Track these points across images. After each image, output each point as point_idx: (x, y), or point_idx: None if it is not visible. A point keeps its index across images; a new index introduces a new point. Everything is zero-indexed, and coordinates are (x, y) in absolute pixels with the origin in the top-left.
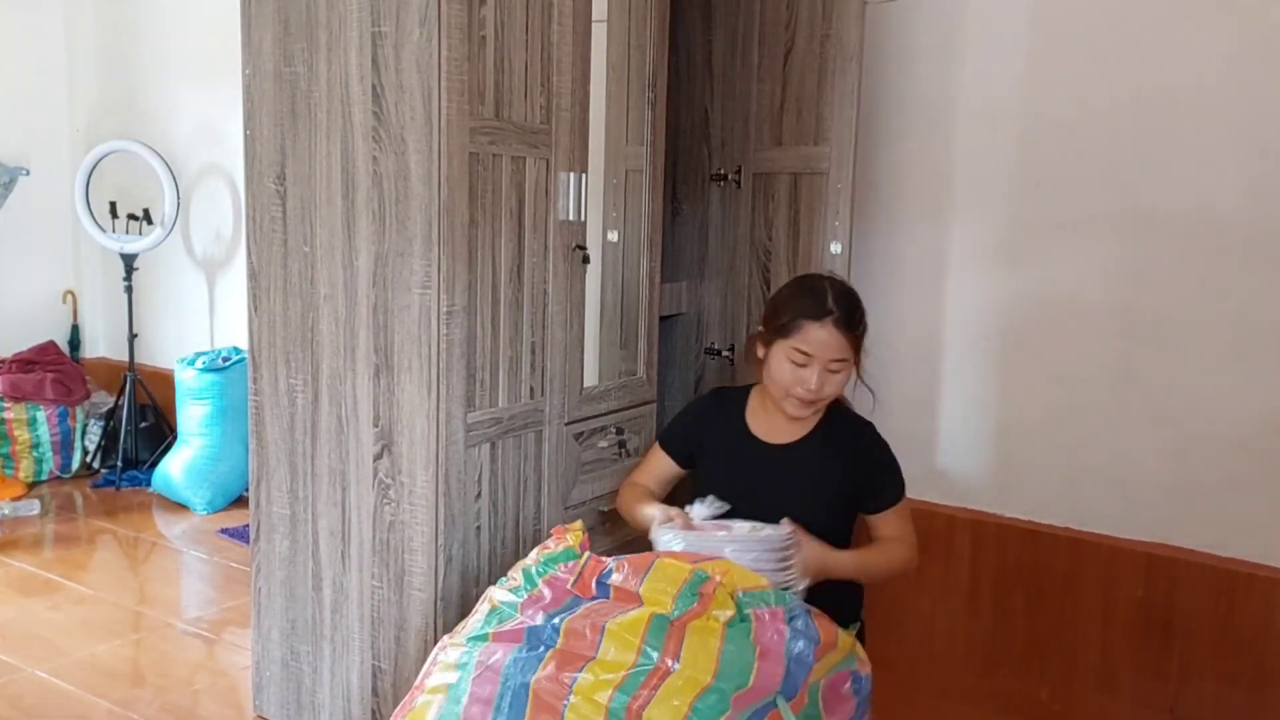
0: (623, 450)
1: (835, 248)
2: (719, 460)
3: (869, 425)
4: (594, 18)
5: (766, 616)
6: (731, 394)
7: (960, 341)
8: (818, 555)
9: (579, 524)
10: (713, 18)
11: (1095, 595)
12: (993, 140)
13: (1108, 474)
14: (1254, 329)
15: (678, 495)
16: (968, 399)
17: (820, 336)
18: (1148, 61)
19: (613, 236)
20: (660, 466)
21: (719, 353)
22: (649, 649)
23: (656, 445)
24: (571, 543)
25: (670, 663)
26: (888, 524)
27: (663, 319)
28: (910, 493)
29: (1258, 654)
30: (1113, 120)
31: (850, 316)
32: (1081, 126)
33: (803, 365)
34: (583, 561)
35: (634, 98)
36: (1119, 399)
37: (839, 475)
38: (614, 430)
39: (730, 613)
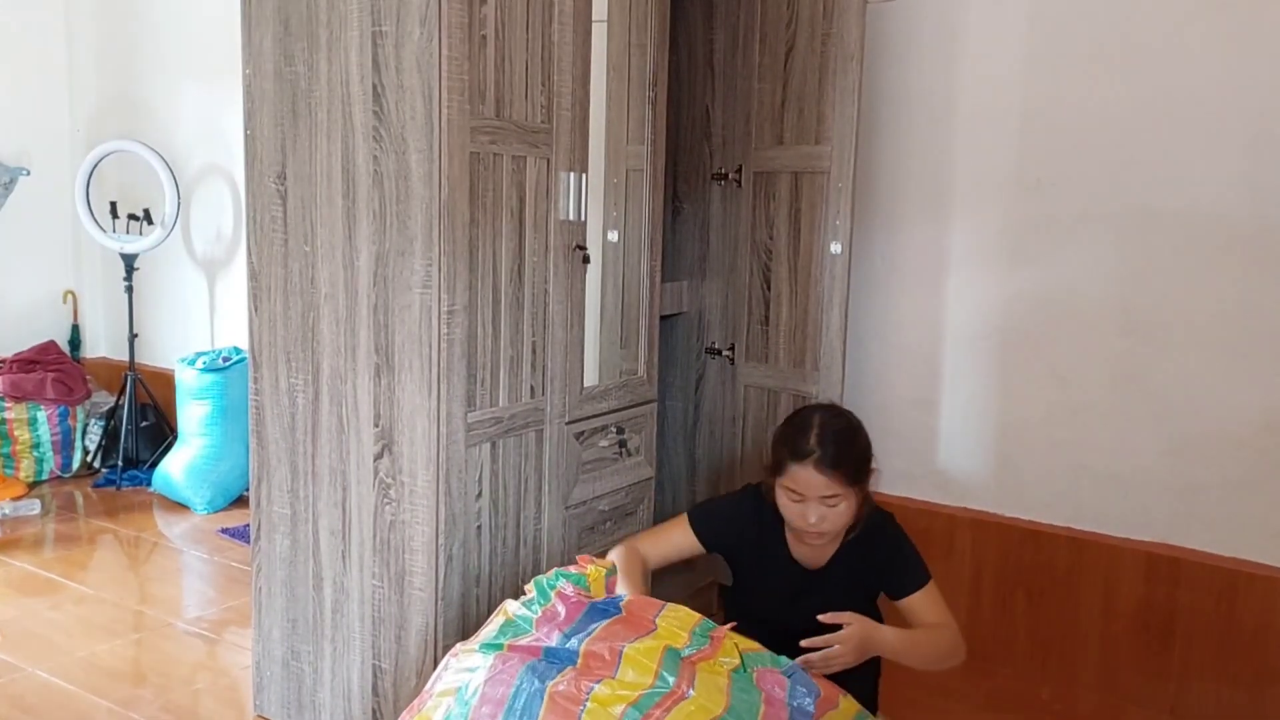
0: (623, 449)
1: (835, 247)
2: (757, 575)
3: (886, 519)
4: (594, 17)
5: (767, 673)
6: (772, 504)
7: (960, 341)
8: (864, 629)
9: (610, 563)
10: (714, 16)
11: (1096, 595)
12: (993, 139)
13: (1108, 473)
14: (1254, 328)
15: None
16: (968, 399)
17: (804, 476)
18: (1147, 60)
19: (613, 236)
20: (681, 544)
21: (719, 352)
22: (665, 674)
23: (684, 522)
24: (591, 577)
25: (686, 689)
26: (924, 610)
27: (663, 318)
28: (910, 493)
29: (1259, 654)
30: (1112, 119)
31: (834, 456)
32: (1081, 126)
33: (798, 501)
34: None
35: (634, 97)
36: (1119, 398)
37: (868, 582)
38: (615, 429)
39: (735, 661)
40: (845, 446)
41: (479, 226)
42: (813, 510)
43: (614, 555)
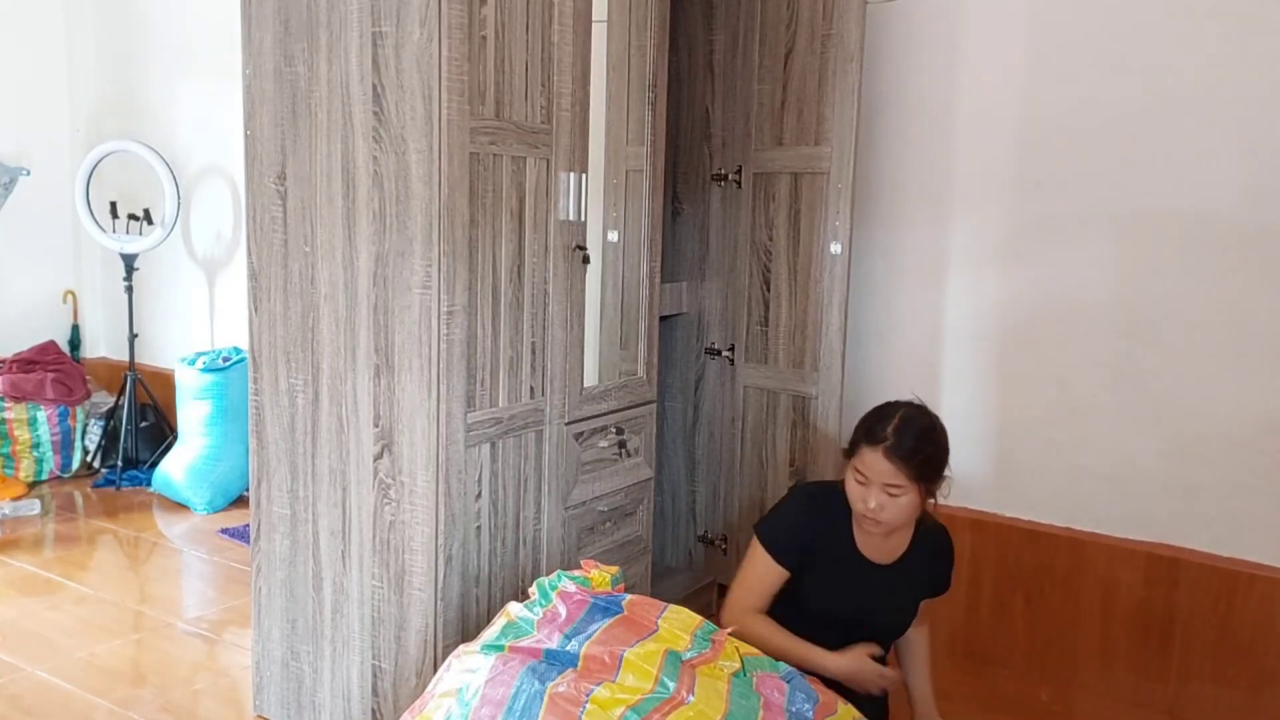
0: (623, 450)
1: (835, 248)
2: (829, 575)
3: (945, 530)
4: (594, 18)
5: (766, 677)
6: (828, 498)
7: (960, 341)
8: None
9: (616, 569)
10: (714, 18)
11: (1095, 595)
12: (993, 140)
13: (1108, 474)
14: (1253, 328)
15: None
16: (968, 399)
17: (873, 461)
18: (1147, 61)
19: (613, 236)
20: (771, 578)
21: (719, 353)
22: (665, 679)
23: (762, 554)
24: (596, 581)
25: (686, 694)
26: (928, 605)
27: (663, 319)
28: None
29: (1258, 655)
30: (1112, 120)
31: (905, 447)
32: (1081, 126)
33: (863, 484)
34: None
35: (634, 98)
36: (1119, 399)
37: (928, 583)
38: (614, 430)
39: (736, 665)
40: (918, 442)
41: (479, 227)
42: (874, 495)
43: (758, 629)
